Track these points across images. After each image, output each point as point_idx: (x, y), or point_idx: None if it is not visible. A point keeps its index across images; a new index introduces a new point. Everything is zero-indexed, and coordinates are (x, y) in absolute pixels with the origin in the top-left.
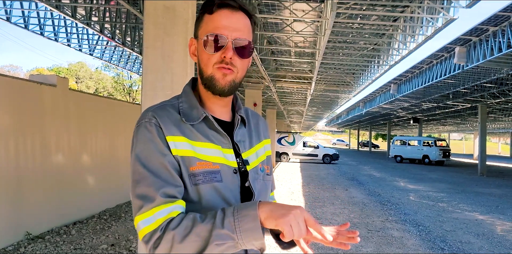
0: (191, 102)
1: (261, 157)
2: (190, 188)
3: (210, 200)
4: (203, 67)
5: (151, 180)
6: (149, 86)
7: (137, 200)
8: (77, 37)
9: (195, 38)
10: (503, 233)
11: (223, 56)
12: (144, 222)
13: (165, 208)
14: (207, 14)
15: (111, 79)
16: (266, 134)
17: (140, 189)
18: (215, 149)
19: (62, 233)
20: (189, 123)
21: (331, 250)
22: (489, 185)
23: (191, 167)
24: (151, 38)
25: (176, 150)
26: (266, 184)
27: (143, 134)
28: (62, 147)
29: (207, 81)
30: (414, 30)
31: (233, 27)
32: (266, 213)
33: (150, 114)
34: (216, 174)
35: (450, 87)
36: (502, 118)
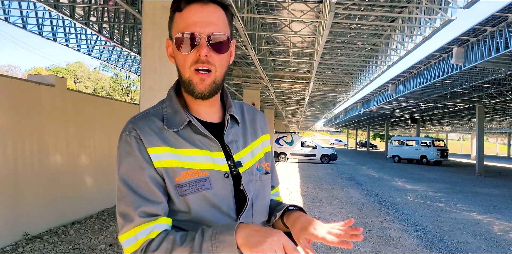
0: (174, 107)
1: (258, 155)
2: (177, 200)
3: (200, 210)
4: (180, 69)
5: (130, 199)
6: (147, 86)
7: (119, 218)
8: (75, 37)
9: (170, 39)
10: (501, 233)
11: (198, 54)
12: (126, 242)
13: (146, 228)
14: (177, 12)
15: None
16: (265, 129)
17: (121, 207)
18: (203, 155)
19: (60, 233)
20: (172, 130)
21: (329, 250)
22: (487, 185)
23: (176, 177)
24: (149, 38)
25: (159, 162)
26: (264, 184)
27: (123, 148)
28: (60, 147)
29: (185, 85)
30: (412, 30)
31: (205, 22)
32: (242, 239)
33: (130, 126)
34: (204, 182)
35: (448, 88)
36: (499, 118)
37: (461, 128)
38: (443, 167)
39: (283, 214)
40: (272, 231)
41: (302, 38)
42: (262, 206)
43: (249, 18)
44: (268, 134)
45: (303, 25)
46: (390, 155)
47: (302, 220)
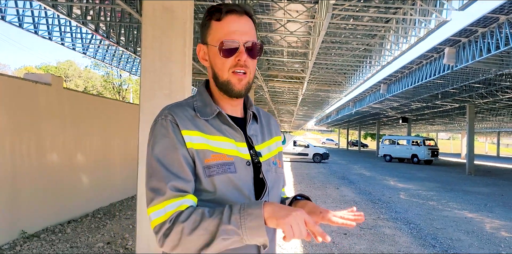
0: (204, 100)
1: (273, 152)
2: (205, 180)
3: (224, 191)
4: (217, 72)
5: (163, 174)
6: (148, 86)
7: (149, 193)
8: (71, 36)
9: (203, 44)
10: (492, 231)
11: (237, 59)
12: (155, 214)
13: (175, 202)
14: (215, 21)
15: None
16: (278, 132)
17: (152, 182)
18: (229, 142)
19: (57, 232)
20: (203, 118)
21: (325, 247)
22: (477, 184)
23: (205, 159)
24: (150, 38)
25: (191, 144)
26: (279, 177)
27: (158, 130)
28: (57, 146)
29: (223, 85)
30: (406, 31)
31: (242, 31)
32: (268, 213)
33: (166, 112)
34: (230, 166)
35: (439, 87)
36: (489, 118)
37: (451, 127)
38: (434, 166)
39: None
40: (295, 208)
41: (298, 38)
42: (276, 197)
43: None
44: (280, 136)
45: (298, 25)
46: (381, 154)
47: (309, 205)
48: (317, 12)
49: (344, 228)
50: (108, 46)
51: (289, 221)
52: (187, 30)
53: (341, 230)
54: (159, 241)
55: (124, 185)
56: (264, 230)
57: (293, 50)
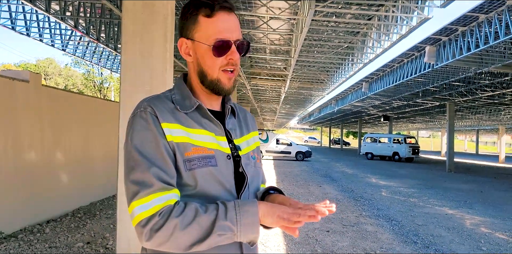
0: (183, 93)
1: (252, 146)
2: (185, 174)
3: (205, 184)
4: (207, 69)
5: (147, 166)
6: (128, 82)
7: (132, 186)
8: (49, 32)
9: (186, 38)
10: (472, 227)
11: (229, 58)
12: (140, 207)
13: (162, 196)
14: (204, 17)
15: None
16: (254, 127)
17: (136, 175)
18: (209, 135)
19: (35, 232)
20: (183, 111)
21: (308, 245)
22: (457, 181)
23: (186, 152)
24: (130, 33)
25: (171, 137)
26: (258, 171)
27: (138, 123)
28: (35, 144)
29: (212, 83)
30: (388, 28)
31: (232, 29)
32: (263, 211)
33: (146, 104)
34: (211, 159)
35: (420, 86)
36: (468, 116)
37: (431, 125)
38: (414, 164)
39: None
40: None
41: (281, 35)
42: (255, 190)
43: None
44: (257, 131)
45: (281, 22)
46: (363, 152)
47: (280, 198)
48: (300, 9)
49: (327, 225)
50: (88, 42)
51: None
52: (168, 25)
53: (323, 228)
54: (145, 236)
55: (105, 184)
56: (258, 227)
57: (275, 48)
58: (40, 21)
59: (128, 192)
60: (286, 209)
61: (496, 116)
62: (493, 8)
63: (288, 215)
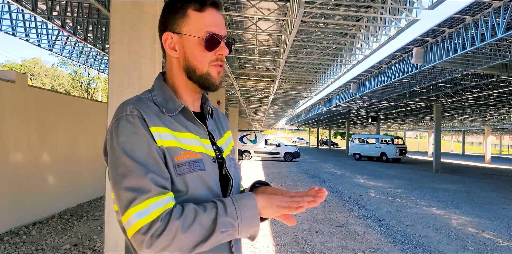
0: (165, 95)
1: (229, 147)
2: (176, 179)
3: (196, 189)
4: (196, 64)
5: (142, 172)
6: (116, 83)
7: (127, 193)
8: (36, 32)
9: (173, 32)
10: (459, 227)
11: (219, 54)
12: (138, 214)
13: (160, 200)
14: (194, 11)
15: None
16: (228, 126)
17: (130, 181)
18: (195, 139)
19: (21, 234)
20: (168, 114)
21: (297, 245)
22: (444, 181)
23: (176, 157)
24: (118, 33)
25: (161, 141)
26: (238, 172)
27: (125, 127)
28: (21, 145)
29: (201, 78)
30: (377, 30)
31: (221, 25)
32: (262, 203)
33: (131, 107)
34: (199, 163)
35: (407, 87)
36: (455, 117)
37: (418, 126)
38: (402, 164)
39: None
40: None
41: (270, 36)
42: (237, 191)
43: None
44: (230, 131)
45: (270, 23)
46: (351, 153)
47: (270, 190)
48: (289, 10)
49: (316, 226)
50: (76, 43)
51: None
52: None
53: (312, 229)
54: (146, 243)
55: (93, 185)
56: (259, 220)
57: (264, 49)
58: (26, 21)
59: (121, 200)
60: (282, 198)
61: (482, 117)
62: (480, 10)
63: (287, 203)
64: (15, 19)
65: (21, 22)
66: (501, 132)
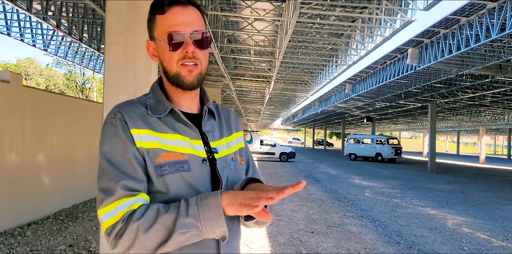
0: (157, 97)
1: (233, 148)
2: (156, 180)
3: (178, 190)
4: (166, 66)
5: (113, 174)
6: (112, 83)
7: (99, 194)
8: (31, 32)
9: (151, 39)
10: (454, 227)
11: (185, 51)
12: (106, 215)
13: (127, 201)
14: (159, 14)
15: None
16: (238, 127)
17: (103, 183)
18: (183, 140)
19: (16, 235)
20: (155, 116)
21: (293, 246)
22: (439, 182)
23: (156, 158)
24: (114, 33)
25: (140, 143)
26: (239, 174)
27: (108, 130)
28: (16, 145)
29: (174, 79)
30: (372, 31)
31: (188, 22)
32: (226, 201)
33: (116, 110)
34: (183, 164)
35: (402, 87)
36: (450, 117)
37: (413, 126)
38: (397, 165)
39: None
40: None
41: (265, 36)
42: None
43: (213, 16)
44: (242, 132)
45: (265, 23)
46: (346, 153)
47: (253, 185)
48: (284, 10)
49: (311, 226)
50: (71, 43)
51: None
52: None
53: (308, 229)
54: (111, 244)
55: (88, 186)
56: (223, 219)
57: (260, 49)
58: (21, 21)
59: (97, 200)
60: (248, 195)
61: (477, 117)
62: (474, 11)
63: (250, 200)
64: (10, 19)
65: (16, 22)
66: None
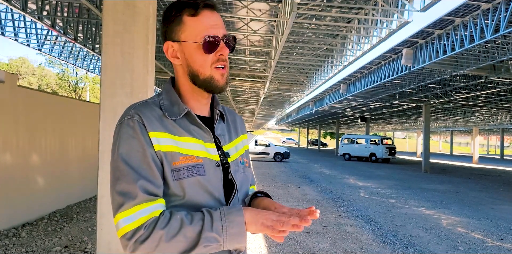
0: (171, 99)
1: (241, 151)
2: (173, 183)
3: (194, 194)
4: (198, 68)
5: (133, 177)
6: (108, 84)
7: (118, 197)
8: (25, 31)
9: (172, 41)
10: (449, 227)
11: (219, 54)
12: (125, 220)
13: (147, 207)
14: (189, 16)
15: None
16: (244, 130)
17: (121, 186)
18: (198, 143)
19: (11, 236)
20: (171, 118)
21: (289, 246)
22: (433, 181)
23: (174, 162)
24: (111, 34)
25: (159, 146)
26: (247, 176)
27: (125, 131)
28: (10, 146)
29: (205, 82)
30: (368, 31)
31: (220, 25)
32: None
33: (133, 111)
34: (199, 168)
35: (396, 87)
36: (443, 118)
37: (407, 126)
38: (391, 165)
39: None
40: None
41: (261, 36)
42: (244, 196)
43: None
44: (246, 134)
45: (261, 24)
46: (340, 153)
47: (266, 201)
48: (281, 11)
49: (307, 227)
50: (65, 42)
51: (268, 225)
52: (150, 26)
53: (304, 229)
54: (129, 248)
55: (82, 186)
56: (245, 236)
57: (255, 49)
58: (15, 20)
59: (113, 203)
60: (270, 216)
61: (470, 117)
62: (469, 12)
63: (272, 222)
64: (4, 18)
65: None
66: (489, 133)
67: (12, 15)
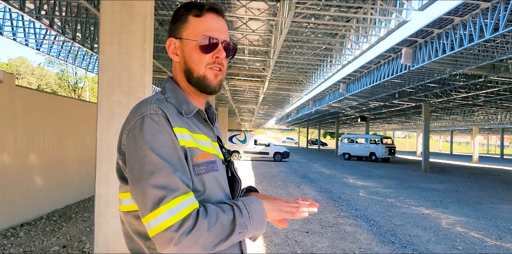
0: (179, 97)
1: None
2: (195, 178)
3: (212, 189)
4: (193, 66)
5: (171, 170)
6: (106, 83)
7: (156, 191)
8: (23, 31)
9: (175, 38)
10: (448, 226)
11: (215, 56)
12: (170, 212)
13: (188, 199)
14: (194, 16)
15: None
16: None
17: (159, 179)
18: (208, 141)
19: (9, 236)
20: (185, 116)
21: (287, 246)
22: (433, 181)
23: (195, 157)
24: (108, 34)
25: (183, 141)
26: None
27: (150, 126)
28: (8, 146)
29: (198, 80)
30: (367, 30)
31: (222, 30)
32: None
33: (155, 106)
34: (213, 164)
35: (396, 87)
36: (443, 117)
37: (407, 126)
38: (391, 164)
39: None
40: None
41: (260, 36)
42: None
43: None
44: None
45: (260, 23)
46: (340, 153)
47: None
48: (279, 10)
49: (306, 226)
50: (64, 42)
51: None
52: (148, 26)
53: (302, 229)
54: (175, 241)
55: (81, 186)
56: (266, 223)
57: (254, 49)
58: (13, 20)
59: (148, 198)
60: (282, 203)
61: (470, 117)
62: (468, 11)
63: (288, 208)
64: (2, 18)
65: (8, 21)
66: (489, 132)
67: (10, 14)
